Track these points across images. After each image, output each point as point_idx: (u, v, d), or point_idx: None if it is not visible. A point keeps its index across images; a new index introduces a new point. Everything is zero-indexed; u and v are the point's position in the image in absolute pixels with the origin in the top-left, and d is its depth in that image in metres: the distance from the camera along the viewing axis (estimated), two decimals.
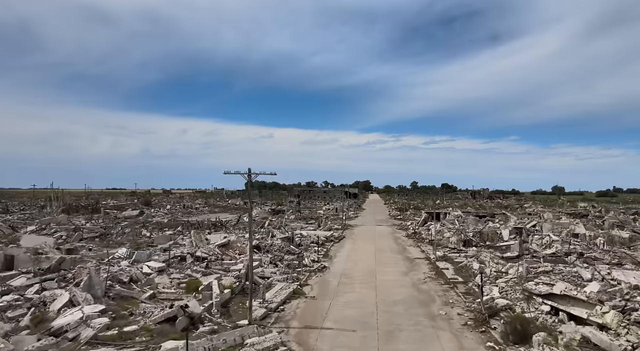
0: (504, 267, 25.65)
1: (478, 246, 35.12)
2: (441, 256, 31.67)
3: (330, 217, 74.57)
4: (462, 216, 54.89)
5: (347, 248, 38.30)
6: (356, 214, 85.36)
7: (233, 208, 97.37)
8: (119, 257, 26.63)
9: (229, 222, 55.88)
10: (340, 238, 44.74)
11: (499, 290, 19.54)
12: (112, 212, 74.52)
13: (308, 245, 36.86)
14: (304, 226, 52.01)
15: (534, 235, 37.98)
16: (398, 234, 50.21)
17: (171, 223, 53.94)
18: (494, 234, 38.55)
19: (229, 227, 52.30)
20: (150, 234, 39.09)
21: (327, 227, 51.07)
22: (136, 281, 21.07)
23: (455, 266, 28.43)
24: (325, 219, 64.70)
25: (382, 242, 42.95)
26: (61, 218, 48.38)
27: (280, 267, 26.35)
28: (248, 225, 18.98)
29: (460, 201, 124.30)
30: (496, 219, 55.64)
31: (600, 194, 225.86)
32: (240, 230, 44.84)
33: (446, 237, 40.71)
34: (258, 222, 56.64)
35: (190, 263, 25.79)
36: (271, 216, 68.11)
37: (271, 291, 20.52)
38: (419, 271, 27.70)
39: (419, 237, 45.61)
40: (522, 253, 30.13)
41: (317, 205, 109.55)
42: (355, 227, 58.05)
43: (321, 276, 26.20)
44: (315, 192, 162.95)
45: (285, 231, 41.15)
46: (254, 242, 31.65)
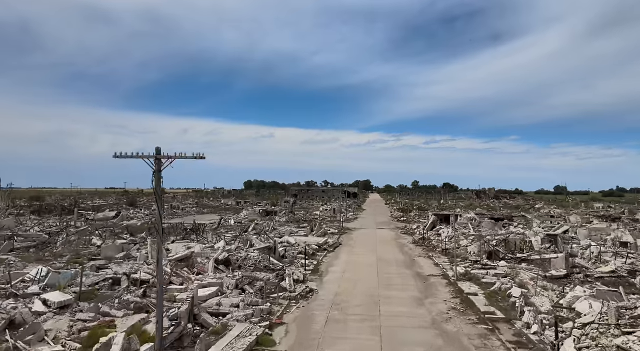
0: (557, 293, 18.35)
1: (507, 259, 27.76)
2: (462, 273, 24.32)
3: (327, 218, 67.27)
4: (476, 219, 47.57)
5: (343, 259, 30.97)
6: (355, 215, 78.06)
7: (224, 209, 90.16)
8: (30, 279, 19.36)
9: (209, 225, 48.59)
10: (336, 246, 37.42)
11: (575, 346, 12.17)
12: (88, 213, 67.27)
13: (294, 257, 29.55)
14: (294, 230, 44.68)
15: (571, 244, 30.63)
16: (403, 240, 42.89)
17: (143, 227, 46.63)
18: (522, 243, 31.19)
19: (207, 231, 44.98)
20: (103, 242, 31.76)
21: (321, 232, 43.76)
22: (19, 325, 13.78)
23: (485, 290, 21.06)
24: (320, 222, 57.33)
25: (385, 250, 35.64)
26: (6, 221, 41.04)
27: (248, 294, 19.02)
28: (157, 237, 11.67)
29: (465, 201, 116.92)
30: (514, 222, 48.29)
31: (606, 194, 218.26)
32: (218, 236, 37.55)
33: (463, 246, 33.39)
34: (242, 225, 49.31)
35: (124, 289, 18.47)
36: (261, 218, 60.82)
37: (220, 343, 13.20)
38: (438, 297, 20.37)
39: (428, 244, 38.28)
40: (571, 271, 22.81)
41: (314, 206, 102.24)
42: (354, 231, 50.75)
43: (304, 306, 18.88)
44: (313, 191, 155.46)
45: (267, 238, 33.83)
46: (222, 255, 24.38)
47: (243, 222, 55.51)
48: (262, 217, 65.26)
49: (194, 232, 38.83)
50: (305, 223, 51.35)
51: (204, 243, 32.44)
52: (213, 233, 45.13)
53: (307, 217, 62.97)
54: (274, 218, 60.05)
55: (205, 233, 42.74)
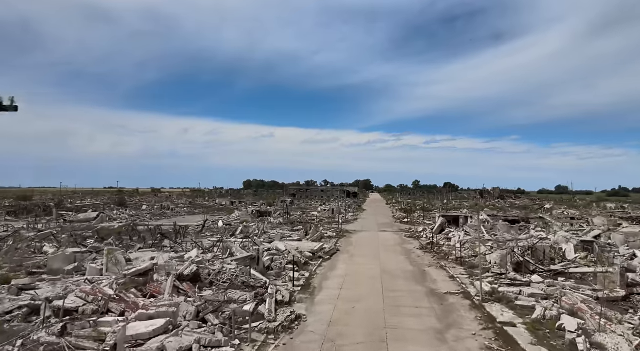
0: (633, 329, 13.39)
1: (539, 271, 22.76)
2: (488, 292, 19.33)
3: (325, 220, 62.32)
4: (490, 221, 42.57)
5: (341, 270, 25.99)
6: (355, 216, 73.10)
7: (217, 209, 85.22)
8: None
9: (193, 227, 43.60)
10: (333, 252, 32.47)
11: None
12: (68, 213, 62.31)
13: (282, 268, 24.59)
14: (287, 234, 39.71)
15: (613, 253, 25.62)
16: (408, 245, 37.94)
17: (120, 229, 41.65)
18: (552, 251, 26.21)
19: (190, 234, 40.00)
20: (57, 248, 26.75)
21: (316, 235, 38.80)
22: None
23: (524, 317, 16.05)
24: (317, 223, 52.35)
25: (390, 258, 30.70)
26: None
27: (210, 327, 14.04)
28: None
29: (469, 201, 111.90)
30: (532, 225, 43.32)
31: (610, 193, 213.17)
32: (196, 242, 32.57)
33: (482, 253, 28.41)
34: (229, 228, 44.34)
35: (40, 322, 13.49)
36: (253, 219, 55.85)
37: None
38: (463, 328, 15.38)
39: (438, 251, 33.32)
40: (630, 291, 17.83)
41: (312, 206, 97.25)
42: (354, 234, 45.80)
43: (286, 343, 13.93)
44: (312, 190, 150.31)
45: (252, 245, 28.87)
46: (189, 269, 19.44)
47: (232, 224, 50.56)
48: (254, 218, 60.30)
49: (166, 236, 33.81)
50: (300, 226, 46.37)
51: (178, 250, 27.48)
52: (196, 237, 40.22)
53: (303, 218, 57.99)
54: (267, 220, 55.08)
55: (186, 237, 37.78)
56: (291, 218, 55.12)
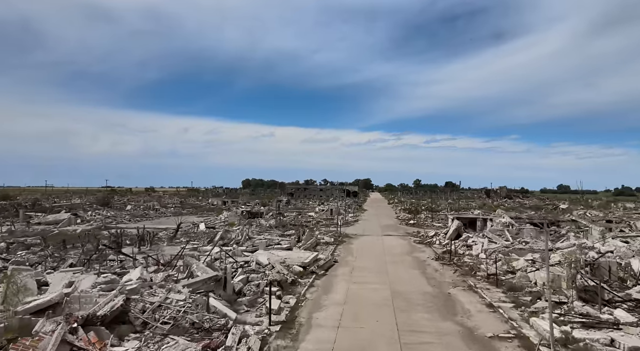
0: None
1: (618, 302, 16.16)
2: (560, 339, 12.77)
3: (323, 222, 55.78)
4: (515, 225, 35.96)
5: (338, 295, 19.37)
6: (356, 217, 66.53)
7: (208, 209, 78.69)
8: None
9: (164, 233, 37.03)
10: (329, 265, 25.94)
11: None
12: (37, 214, 55.82)
13: (259, 292, 18.02)
14: (275, 241, 33.13)
15: None
16: (420, 253, 31.42)
17: (81, 234, 35.13)
18: (619, 269, 19.65)
19: (162, 241, 33.50)
20: None
21: (310, 242, 32.26)
22: None
23: None
24: (313, 227, 45.78)
25: (401, 273, 24.14)
26: None
27: None
28: None
29: (476, 201, 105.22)
30: (563, 229, 36.75)
31: (616, 193, 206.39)
32: (156, 255, 26.05)
33: (521, 269, 21.86)
34: (211, 233, 37.80)
35: None
36: (241, 222, 49.31)
37: None
38: None
39: (459, 263, 26.75)
40: None
41: (310, 206, 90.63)
42: (355, 239, 39.28)
43: None
44: (311, 190, 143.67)
45: (226, 258, 22.31)
46: (108, 306, 12.97)
47: (217, 228, 44.05)
48: (244, 220, 53.78)
49: (109, 248, 27.25)
50: (293, 230, 39.79)
51: (126, 267, 20.94)
52: (168, 244, 33.73)
53: (297, 221, 51.41)
54: (257, 222, 48.53)
55: (154, 245, 31.27)
56: (284, 221, 48.56)
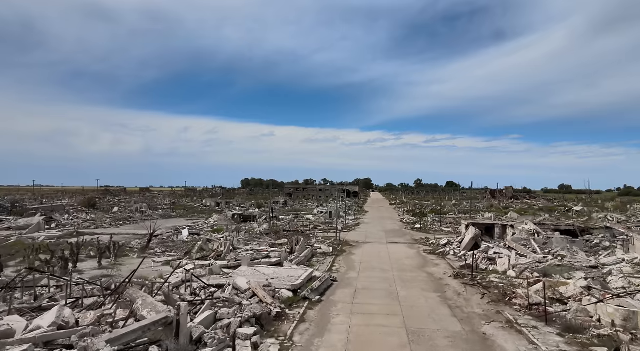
0: None
1: None
2: None
3: (321, 226, 50.84)
4: (543, 234, 30.93)
5: (337, 336, 14.27)
6: (357, 220, 61.58)
7: (200, 211, 73.72)
8: None
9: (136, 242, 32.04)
10: (327, 286, 20.98)
11: None
12: (9, 219, 50.87)
13: (227, 340, 12.99)
14: (263, 252, 28.13)
15: None
16: (435, 268, 26.47)
17: (43, 245, 30.20)
18: None
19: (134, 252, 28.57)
20: None
21: (305, 254, 27.31)
22: None
23: None
24: (309, 233, 40.78)
25: (416, 298, 19.15)
26: None
27: None
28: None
29: (482, 202, 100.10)
30: (596, 238, 31.76)
31: (622, 193, 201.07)
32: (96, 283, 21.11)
33: (573, 298, 16.91)
34: (191, 243, 32.86)
35: None
36: (228, 228, 44.35)
37: None
38: None
39: (486, 284, 21.77)
40: None
41: (308, 207, 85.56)
42: (356, 248, 34.35)
43: None
44: (310, 190, 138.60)
45: (187, 288, 17.36)
46: None
47: (201, 234, 39.12)
48: (234, 224, 48.84)
49: (45, 272, 22.38)
50: (287, 238, 34.82)
51: (53, 300, 15.98)
52: (139, 255, 28.81)
53: (293, 225, 46.42)
54: (249, 227, 43.56)
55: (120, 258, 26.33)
56: (278, 227, 43.57)
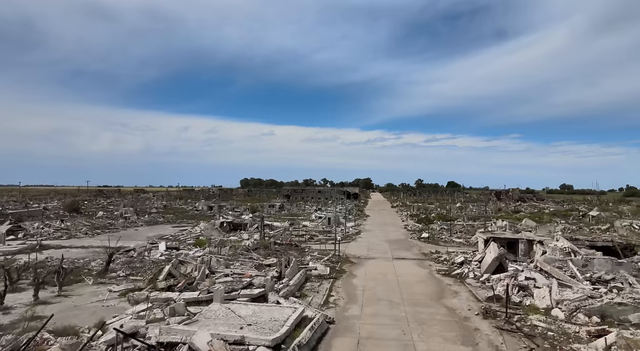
0: None
1: None
2: None
3: (319, 236, 45.75)
4: (581, 254, 25.78)
5: None
6: (358, 227, 56.50)
7: (190, 217, 68.57)
8: None
9: (96, 263, 26.77)
10: (320, 334, 15.85)
11: None
12: None
13: None
14: (245, 278, 22.96)
15: None
16: (454, 299, 21.38)
17: None
18: None
19: (90, 278, 23.41)
20: None
21: (296, 281, 22.22)
22: None
23: None
24: (305, 246, 35.65)
25: None
26: None
27: None
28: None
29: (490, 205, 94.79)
30: None
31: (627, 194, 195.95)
32: None
33: None
34: (163, 263, 27.78)
35: None
36: (217, 237, 39.26)
37: None
38: None
39: (530, 331, 16.65)
40: None
41: (306, 211, 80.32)
42: (358, 266, 29.28)
43: None
44: (308, 191, 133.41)
45: None
46: None
47: (181, 248, 34.07)
48: (223, 233, 43.77)
49: None
50: (276, 257, 29.67)
51: None
52: (95, 282, 23.84)
53: (285, 236, 41.27)
54: (236, 237, 38.47)
55: (65, 287, 21.21)
56: (270, 238, 38.48)
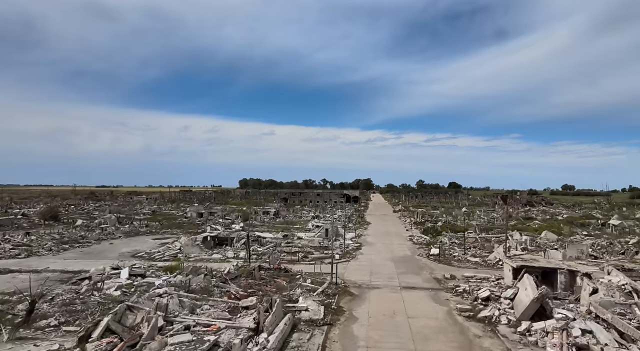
0: None
1: None
2: None
3: (314, 253, 40.12)
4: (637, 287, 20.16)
5: None
6: (358, 238, 50.89)
7: (176, 226, 62.88)
8: None
9: (20, 307, 20.97)
10: None
11: None
12: None
13: None
14: (209, 331, 17.32)
15: None
16: None
17: None
18: None
19: None
20: None
21: (280, 334, 16.59)
22: None
23: None
24: (297, 274, 29.93)
25: None
26: None
27: None
28: None
29: (498, 210, 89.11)
30: None
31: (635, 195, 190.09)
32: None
33: None
34: (107, 305, 22.10)
35: None
36: (201, 255, 33.55)
37: None
38: None
39: None
40: None
41: (303, 218, 74.46)
42: (359, 301, 23.60)
43: None
44: (306, 194, 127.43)
45: None
46: None
47: (148, 275, 28.41)
48: (207, 250, 38.10)
49: None
50: (257, 295, 23.98)
51: None
52: (11, 337, 18.08)
53: (274, 258, 35.51)
54: (220, 254, 32.81)
55: None
56: (255, 262, 32.81)
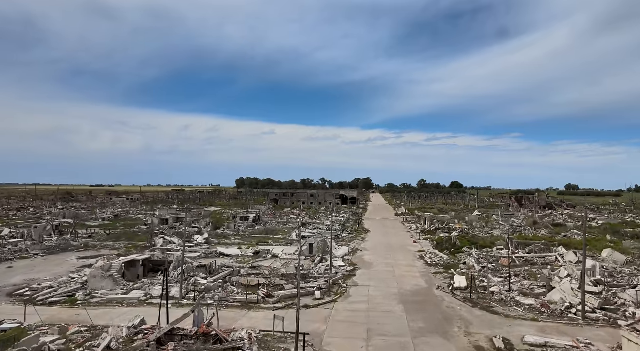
0: None
1: None
2: None
3: (285, 289, 27.89)
4: None
5: None
6: (353, 256, 38.67)
7: (130, 237, 50.65)
8: None
9: None
10: None
11: None
12: None
13: None
14: None
15: None
16: None
17: None
18: None
19: None
20: None
21: None
22: None
23: None
24: (249, 326, 17.52)
25: None
26: None
27: None
28: None
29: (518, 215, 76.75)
30: None
31: None
32: None
33: None
34: None
35: None
36: (107, 295, 21.35)
37: None
38: None
39: None
40: None
41: (288, 226, 61.89)
42: None
43: None
44: (299, 195, 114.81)
45: None
46: None
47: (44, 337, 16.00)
48: (124, 285, 25.82)
49: None
50: None
51: None
52: None
53: (230, 291, 23.12)
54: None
55: None
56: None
